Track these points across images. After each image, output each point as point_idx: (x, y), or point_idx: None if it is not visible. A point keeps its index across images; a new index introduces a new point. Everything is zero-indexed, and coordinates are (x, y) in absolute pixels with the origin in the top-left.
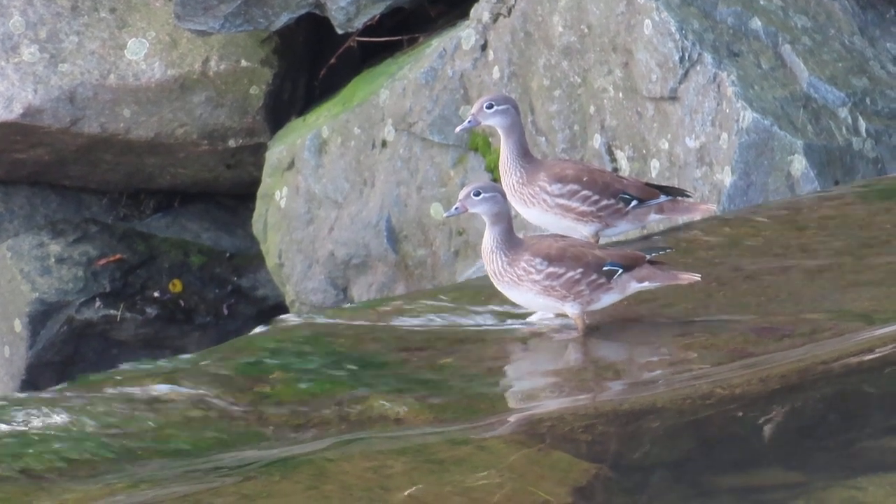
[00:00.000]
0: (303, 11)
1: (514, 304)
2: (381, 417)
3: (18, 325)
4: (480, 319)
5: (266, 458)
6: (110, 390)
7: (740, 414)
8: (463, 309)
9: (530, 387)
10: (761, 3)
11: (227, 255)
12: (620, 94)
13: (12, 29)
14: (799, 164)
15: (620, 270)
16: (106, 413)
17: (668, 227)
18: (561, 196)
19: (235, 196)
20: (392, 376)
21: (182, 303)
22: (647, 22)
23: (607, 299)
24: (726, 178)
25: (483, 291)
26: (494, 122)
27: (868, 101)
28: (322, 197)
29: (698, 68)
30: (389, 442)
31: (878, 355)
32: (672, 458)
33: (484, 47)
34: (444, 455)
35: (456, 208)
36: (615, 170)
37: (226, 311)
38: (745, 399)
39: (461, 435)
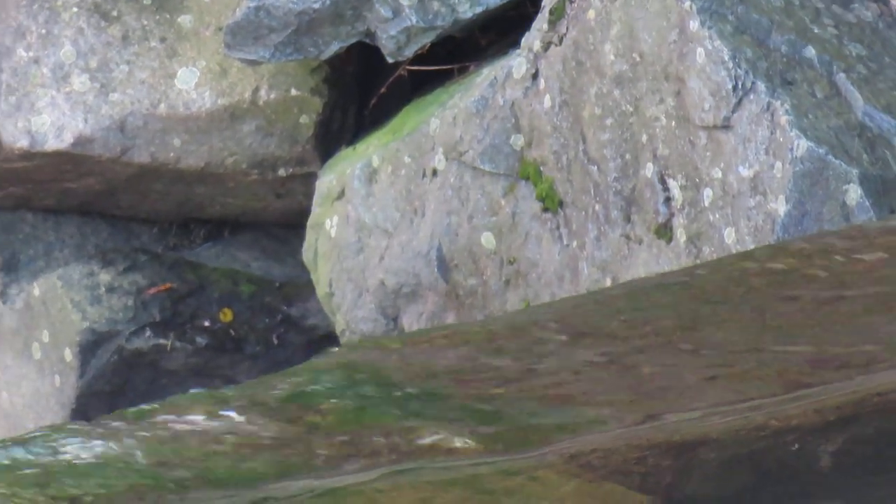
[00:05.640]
0: (353, 40)
1: None
2: (432, 448)
3: (69, 355)
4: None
5: (316, 488)
6: (159, 419)
7: (795, 446)
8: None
9: (583, 418)
10: (815, 31)
11: (277, 284)
12: (673, 123)
13: (63, 58)
14: (854, 193)
15: None
16: (154, 442)
17: (720, 256)
18: None
19: (285, 225)
20: (443, 406)
21: (232, 332)
22: (700, 50)
23: None
24: (780, 207)
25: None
26: None
27: None
28: (372, 226)
29: (752, 97)
30: (440, 473)
31: None
32: (726, 491)
33: (535, 76)
34: (495, 486)
35: None
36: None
37: (276, 341)
38: (801, 431)
39: (513, 465)
